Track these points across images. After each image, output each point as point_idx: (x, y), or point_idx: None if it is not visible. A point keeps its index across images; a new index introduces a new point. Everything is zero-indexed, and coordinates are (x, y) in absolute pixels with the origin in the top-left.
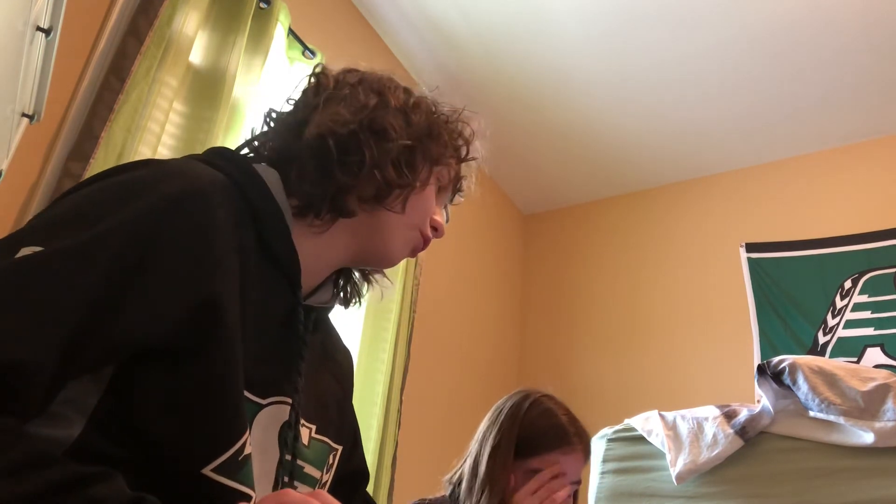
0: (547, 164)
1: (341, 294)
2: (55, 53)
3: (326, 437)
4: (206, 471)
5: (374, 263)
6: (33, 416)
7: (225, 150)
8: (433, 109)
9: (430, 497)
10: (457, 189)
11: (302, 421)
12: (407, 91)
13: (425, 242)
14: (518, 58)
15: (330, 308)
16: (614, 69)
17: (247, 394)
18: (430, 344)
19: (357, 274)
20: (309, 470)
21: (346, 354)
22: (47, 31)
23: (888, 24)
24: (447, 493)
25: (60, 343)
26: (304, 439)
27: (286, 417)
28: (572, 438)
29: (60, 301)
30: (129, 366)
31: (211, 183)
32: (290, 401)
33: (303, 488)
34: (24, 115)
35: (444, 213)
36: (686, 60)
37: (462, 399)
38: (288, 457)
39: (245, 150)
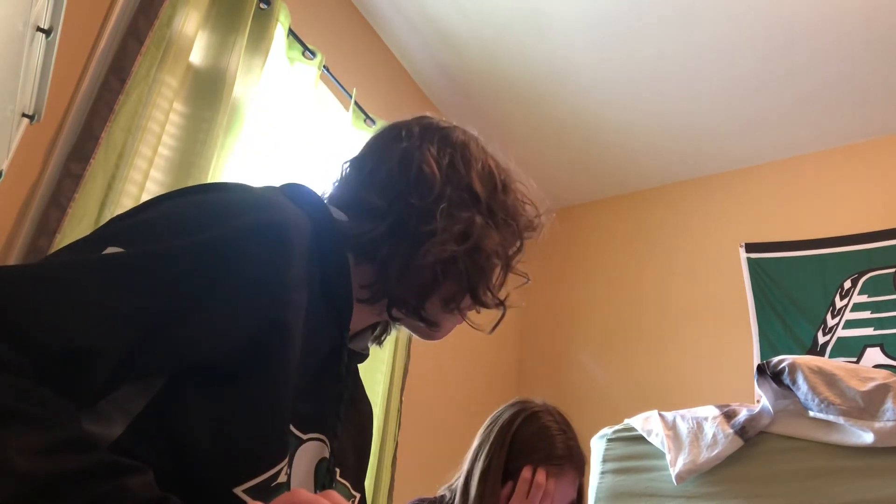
0: (547, 164)
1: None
2: (55, 53)
3: (348, 482)
4: (238, 490)
5: (416, 335)
6: (84, 406)
7: (302, 186)
8: (516, 201)
9: (430, 496)
10: None
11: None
12: (491, 175)
13: (463, 318)
14: (518, 58)
15: (365, 357)
16: (614, 69)
17: (291, 427)
18: (430, 344)
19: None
20: None
21: (369, 406)
22: (47, 32)
23: (888, 25)
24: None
25: (128, 340)
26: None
27: (322, 455)
28: (561, 461)
29: (135, 301)
30: (182, 378)
31: (292, 216)
32: (325, 440)
33: None
34: (24, 115)
35: None
36: (686, 60)
37: (462, 399)
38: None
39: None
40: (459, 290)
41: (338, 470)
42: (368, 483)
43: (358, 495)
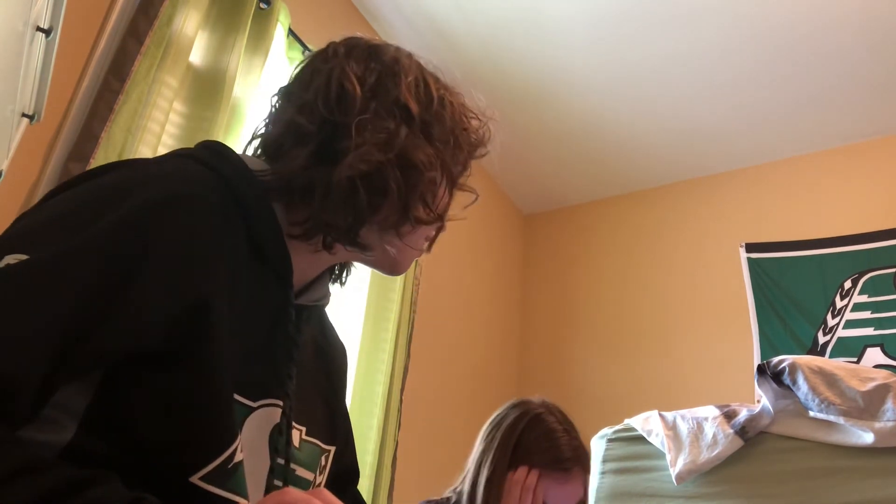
0: (547, 164)
1: (337, 281)
2: (55, 53)
3: (317, 438)
4: (195, 479)
5: (377, 270)
6: (25, 423)
7: (217, 144)
8: (456, 115)
9: (436, 498)
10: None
11: (293, 423)
12: (426, 89)
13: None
14: (518, 58)
15: (324, 304)
16: (614, 69)
17: (237, 397)
18: (430, 344)
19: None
20: (301, 473)
21: (340, 349)
22: (47, 31)
23: (888, 25)
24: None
25: (47, 352)
26: (296, 441)
27: (277, 420)
28: (568, 464)
29: (46, 311)
30: (118, 368)
31: (198, 184)
32: (280, 404)
33: None
34: (24, 115)
35: None
36: (686, 60)
37: (462, 399)
38: (280, 461)
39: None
40: (392, 209)
41: (303, 429)
42: (368, 483)
43: (331, 448)
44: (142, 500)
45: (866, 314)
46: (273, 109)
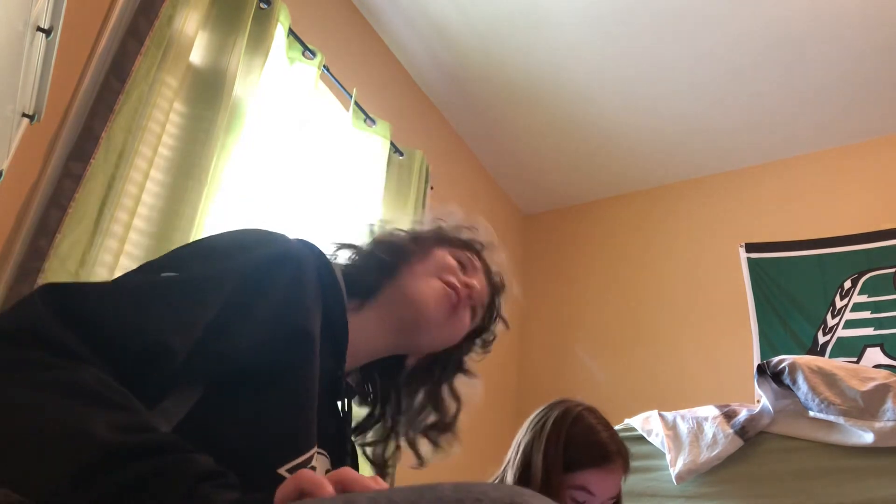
0: (547, 164)
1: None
2: (55, 53)
3: None
4: (282, 470)
5: (415, 333)
6: (160, 398)
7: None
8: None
9: None
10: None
11: None
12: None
13: (459, 293)
14: (518, 58)
15: (353, 394)
16: (614, 69)
17: None
18: None
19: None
20: None
21: (355, 454)
22: (47, 31)
23: (888, 25)
24: None
25: (190, 343)
26: None
27: (328, 468)
28: (614, 456)
29: (193, 311)
30: (222, 386)
31: (305, 253)
32: (328, 456)
33: None
34: (24, 115)
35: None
36: (686, 61)
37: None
38: None
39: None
40: None
41: None
42: None
43: None
44: (225, 475)
45: (866, 314)
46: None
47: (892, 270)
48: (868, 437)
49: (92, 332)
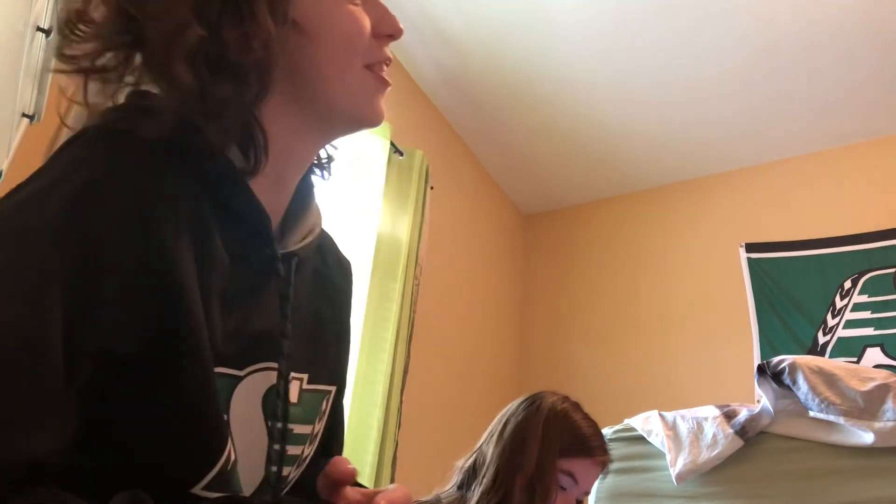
0: (547, 164)
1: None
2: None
3: (320, 382)
4: (197, 490)
5: (342, 124)
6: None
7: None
8: None
9: (422, 499)
10: None
11: (292, 374)
12: None
13: (385, 67)
14: (518, 58)
15: (313, 239)
16: (614, 69)
17: (221, 369)
18: (430, 344)
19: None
20: (299, 430)
21: (341, 268)
22: (47, 32)
23: (889, 25)
24: (456, 480)
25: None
26: (294, 395)
27: (271, 383)
28: (601, 451)
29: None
30: (101, 380)
31: (110, 165)
32: (275, 365)
33: (293, 450)
34: (24, 115)
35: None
36: (686, 61)
37: (462, 399)
38: (279, 425)
39: None
40: None
41: (305, 376)
42: (368, 483)
43: (333, 388)
44: None
45: (866, 314)
46: None
47: (892, 270)
48: (868, 438)
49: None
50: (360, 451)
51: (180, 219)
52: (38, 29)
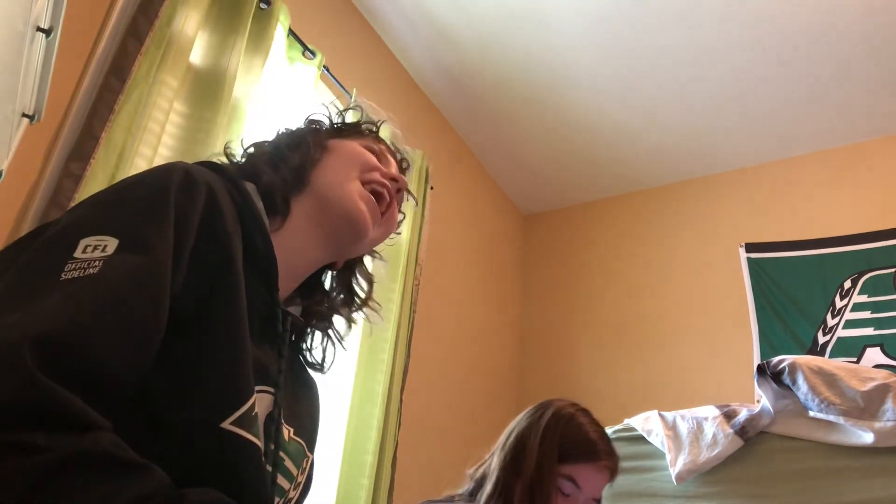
0: (547, 164)
1: (339, 296)
2: (55, 53)
3: (302, 440)
4: (225, 424)
5: (352, 241)
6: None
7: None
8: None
9: (435, 499)
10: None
11: (282, 421)
12: None
13: (389, 191)
14: (518, 58)
15: (300, 325)
16: (615, 69)
17: None
18: (430, 344)
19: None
20: (288, 464)
21: (315, 384)
22: (47, 32)
23: (888, 25)
24: (468, 488)
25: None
26: (286, 436)
27: (269, 409)
28: (604, 455)
29: (162, 291)
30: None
31: (211, 176)
32: (272, 391)
33: (283, 482)
34: (24, 115)
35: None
36: (687, 61)
37: (462, 399)
38: (272, 446)
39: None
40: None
41: (291, 429)
42: (368, 483)
43: (311, 456)
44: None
45: (866, 314)
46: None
47: (892, 270)
48: (868, 437)
49: (89, 380)
50: (360, 451)
51: (231, 217)
52: (38, 29)
